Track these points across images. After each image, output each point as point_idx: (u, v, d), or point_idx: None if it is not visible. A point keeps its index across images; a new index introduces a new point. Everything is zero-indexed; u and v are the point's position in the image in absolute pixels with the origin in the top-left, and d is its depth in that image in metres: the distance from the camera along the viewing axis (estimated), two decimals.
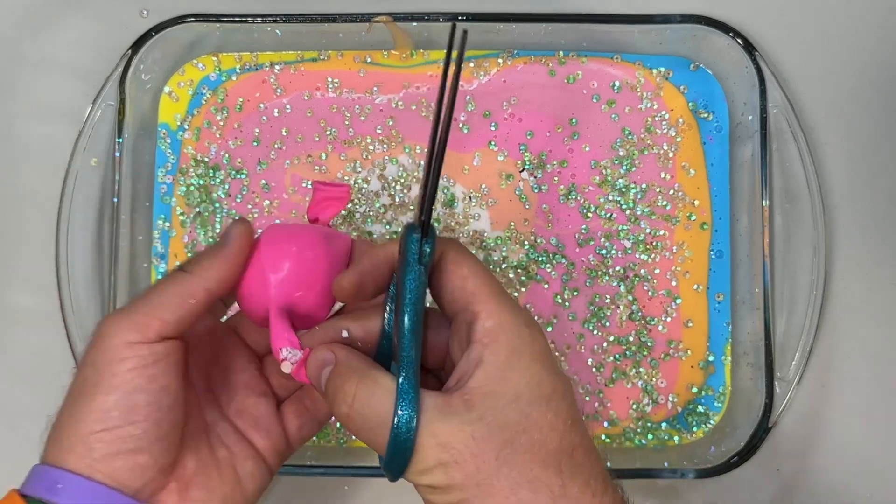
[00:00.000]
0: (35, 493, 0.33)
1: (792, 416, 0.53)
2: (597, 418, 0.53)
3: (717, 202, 0.54)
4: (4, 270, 0.55)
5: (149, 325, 0.34)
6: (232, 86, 0.54)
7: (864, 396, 0.53)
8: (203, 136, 0.54)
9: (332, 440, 0.53)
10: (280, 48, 0.54)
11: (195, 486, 0.36)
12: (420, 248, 0.33)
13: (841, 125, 0.55)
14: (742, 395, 0.52)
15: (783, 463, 0.53)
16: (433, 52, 0.54)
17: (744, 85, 0.52)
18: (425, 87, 0.54)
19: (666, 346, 0.53)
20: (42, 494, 0.33)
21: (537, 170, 0.54)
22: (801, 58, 0.55)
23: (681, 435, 0.53)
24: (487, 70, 0.54)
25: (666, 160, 0.54)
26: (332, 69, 0.54)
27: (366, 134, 0.54)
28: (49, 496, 0.33)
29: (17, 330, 0.55)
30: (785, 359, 0.51)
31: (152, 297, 0.35)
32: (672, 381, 0.53)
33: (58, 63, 0.56)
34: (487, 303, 0.34)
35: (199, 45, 0.54)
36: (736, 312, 0.53)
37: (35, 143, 0.55)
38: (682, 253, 0.53)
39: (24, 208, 0.55)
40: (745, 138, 0.53)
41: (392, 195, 0.54)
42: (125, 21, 0.55)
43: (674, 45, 0.53)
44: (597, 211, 0.53)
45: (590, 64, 0.54)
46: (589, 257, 0.53)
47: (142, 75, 0.52)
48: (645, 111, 0.54)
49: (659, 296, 0.53)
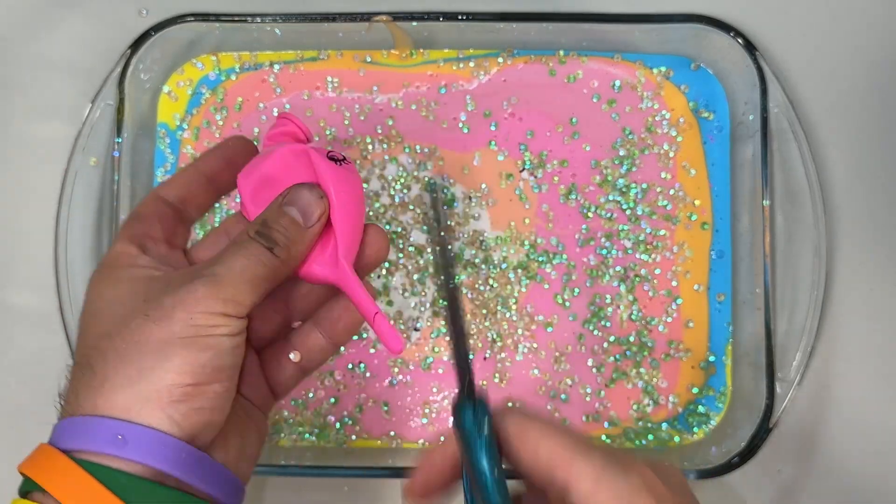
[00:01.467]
0: (86, 446, 0.31)
1: (793, 417, 0.53)
2: (597, 419, 0.53)
3: (717, 202, 0.54)
4: (3, 270, 0.55)
5: (241, 304, 0.34)
6: (231, 85, 0.54)
7: (865, 397, 0.53)
8: (202, 135, 0.54)
9: (332, 441, 0.52)
10: (279, 48, 0.54)
11: (231, 434, 0.36)
12: (478, 420, 0.32)
13: (842, 125, 0.55)
14: (743, 396, 0.52)
15: (784, 463, 0.53)
16: (433, 51, 0.54)
17: (745, 84, 0.52)
18: (425, 87, 0.54)
19: (666, 346, 0.53)
20: (101, 448, 0.31)
21: (537, 169, 0.54)
22: (802, 57, 0.55)
23: (681, 435, 0.52)
24: (487, 69, 0.54)
25: (666, 160, 0.53)
26: (332, 68, 0.54)
27: (365, 133, 0.54)
28: (113, 450, 0.31)
29: (16, 330, 0.55)
30: (786, 359, 0.51)
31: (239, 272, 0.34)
32: (673, 382, 0.53)
33: (56, 62, 0.56)
34: (572, 466, 0.30)
35: (199, 44, 0.54)
36: (737, 313, 0.53)
37: (34, 142, 0.55)
38: (683, 253, 0.53)
39: (22, 208, 0.55)
40: (745, 138, 0.52)
41: (392, 195, 0.54)
42: (124, 20, 0.55)
43: (674, 45, 0.53)
44: (597, 211, 0.53)
45: (590, 63, 0.54)
46: (589, 257, 0.53)
47: (141, 75, 0.52)
48: (645, 111, 0.54)
49: (659, 296, 0.53)
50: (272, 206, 0.37)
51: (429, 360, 0.53)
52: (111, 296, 0.35)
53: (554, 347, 0.53)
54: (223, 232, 0.40)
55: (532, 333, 0.53)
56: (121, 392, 0.32)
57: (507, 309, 0.53)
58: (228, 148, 0.40)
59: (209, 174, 0.39)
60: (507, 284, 0.53)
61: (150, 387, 0.32)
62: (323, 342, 0.40)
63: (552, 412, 0.53)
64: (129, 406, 0.32)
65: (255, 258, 0.35)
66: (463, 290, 0.53)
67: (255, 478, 0.53)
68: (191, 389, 0.32)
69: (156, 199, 0.39)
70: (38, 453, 0.32)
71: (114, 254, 0.37)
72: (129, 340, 0.33)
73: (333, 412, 0.53)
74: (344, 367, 0.53)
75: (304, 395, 0.53)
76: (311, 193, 0.36)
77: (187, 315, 0.33)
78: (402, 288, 0.53)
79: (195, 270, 0.35)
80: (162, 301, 0.33)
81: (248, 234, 0.36)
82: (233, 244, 0.35)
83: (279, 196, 0.37)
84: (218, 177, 0.40)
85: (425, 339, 0.53)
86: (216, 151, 0.40)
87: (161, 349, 0.32)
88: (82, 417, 0.32)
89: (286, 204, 0.36)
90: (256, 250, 0.35)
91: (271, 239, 0.35)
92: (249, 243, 0.35)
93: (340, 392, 0.53)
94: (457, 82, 0.54)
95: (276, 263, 0.35)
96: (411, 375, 0.53)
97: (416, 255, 0.53)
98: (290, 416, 0.52)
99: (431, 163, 0.54)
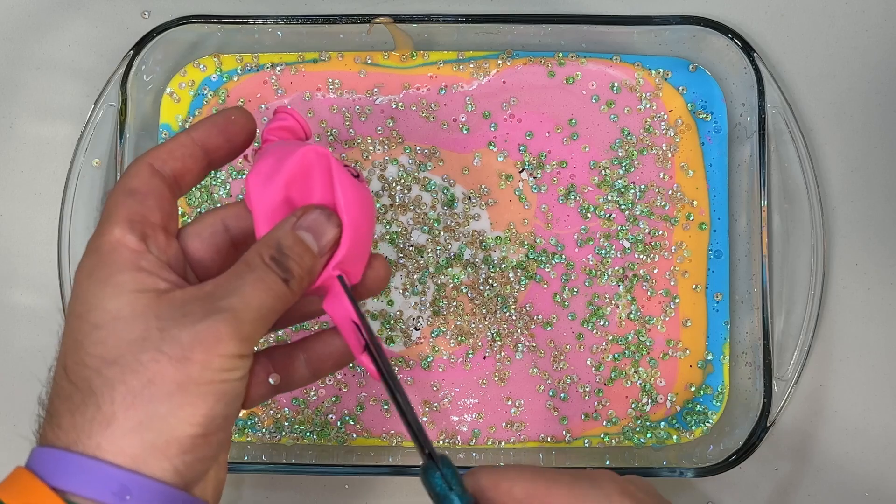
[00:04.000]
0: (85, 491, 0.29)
1: (790, 416, 0.53)
2: (596, 417, 0.53)
3: (715, 202, 0.54)
4: (7, 270, 0.55)
5: (254, 341, 0.32)
6: (233, 86, 0.55)
7: (862, 396, 0.54)
8: None
9: (333, 440, 0.53)
10: (281, 49, 0.54)
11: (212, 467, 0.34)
12: (448, 481, 0.32)
13: (839, 125, 0.55)
14: (740, 395, 0.52)
15: (781, 462, 0.53)
16: (433, 53, 0.54)
17: (742, 86, 0.52)
18: (425, 88, 0.54)
19: (665, 345, 0.53)
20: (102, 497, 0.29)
21: (537, 170, 0.54)
22: (799, 58, 0.55)
23: (679, 434, 0.53)
24: (487, 71, 0.54)
25: (665, 160, 0.54)
26: (333, 70, 0.54)
27: (366, 135, 0.54)
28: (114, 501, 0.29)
29: (20, 329, 0.55)
30: (783, 358, 0.51)
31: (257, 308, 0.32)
32: (671, 381, 0.53)
33: (59, 64, 0.56)
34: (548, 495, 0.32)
35: (201, 46, 0.54)
36: (734, 312, 0.53)
37: (37, 143, 0.56)
38: (681, 253, 0.53)
39: (26, 209, 0.55)
40: (743, 139, 0.53)
41: (392, 196, 0.54)
42: (127, 22, 0.55)
43: (673, 46, 0.54)
44: (596, 211, 0.54)
45: (589, 65, 0.54)
46: (588, 257, 0.54)
47: (143, 76, 0.53)
48: (644, 112, 0.54)
49: (658, 295, 0.53)
50: (285, 228, 0.34)
51: (429, 358, 0.53)
52: (114, 310, 0.32)
53: (553, 346, 0.53)
54: (219, 221, 0.37)
55: (531, 333, 0.53)
56: (129, 438, 0.30)
57: (507, 308, 0.53)
58: (229, 121, 0.37)
59: (206, 146, 0.36)
60: (507, 284, 0.53)
61: (161, 437, 0.30)
62: (305, 372, 0.38)
63: (551, 410, 0.53)
64: (137, 454, 0.30)
65: (272, 291, 0.32)
66: (463, 289, 0.53)
67: (257, 476, 0.53)
68: (200, 441, 0.31)
69: (151, 171, 0.35)
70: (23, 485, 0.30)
71: (110, 243, 0.33)
72: (141, 378, 0.30)
73: (334, 411, 0.53)
74: (344, 367, 0.53)
75: (305, 394, 0.53)
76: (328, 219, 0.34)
77: (206, 358, 0.31)
78: (403, 287, 0.53)
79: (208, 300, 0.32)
80: (179, 337, 0.31)
81: (261, 257, 0.33)
82: (246, 268, 0.33)
83: (291, 215, 0.35)
84: (215, 151, 0.36)
85: (425, 339, 0.53)
86: (214, 121, 0.36)
87: (175, 394, 0.30)
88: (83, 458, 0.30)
89: (300, 228, 0.34)
90: (273, 282, 0.33)
91: (288, 270, 0.33)
92: (265, 272, 0.33)
93: (341, 391, 0.53)
94: (457, 83, 0.54)
95: (290, 296, 0.33)
96: (412, 374, 0.53)
97: (415, 254, 0.53)
98: (292, 415, 0.53)
99: (432, 163, 0.54)
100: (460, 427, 0.53)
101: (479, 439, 0.53)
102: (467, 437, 0.53)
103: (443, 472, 0.33)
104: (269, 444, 0.53)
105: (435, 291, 0.53)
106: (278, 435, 0.53)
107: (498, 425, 0.53)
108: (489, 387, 0.53)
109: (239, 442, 0.53)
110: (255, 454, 0.52)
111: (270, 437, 0.53)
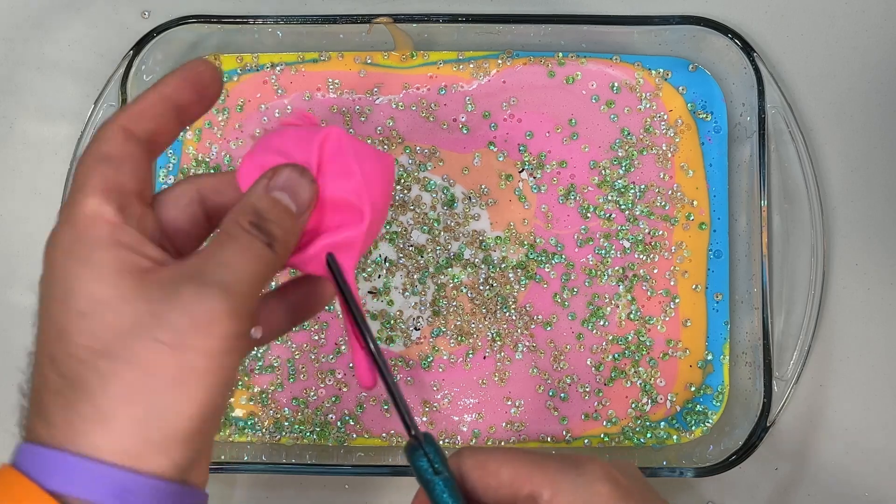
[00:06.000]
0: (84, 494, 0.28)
1: (790, 416, 0.53)
2: (596, 417, 0.53)
3: (715, 202, 0.54)
4: (6, 270, 0.55)
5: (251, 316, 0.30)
6: (233, 86, 0.55)
7: (862, 396, 0.54)
8: (204, 136, 0.55)
9: (333, 439, 0.53)
10: (281, 49, 0.54)
11: None
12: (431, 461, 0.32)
13: (839, 125, 0.55)
14: (740, 395, 0.52)
15: (781, 462, 0.54)
16: (433, 52, 0.54)
17: (742, 85, 0.52)
18: (425, 88, 0.54)
19: (665, 345, 0.53)
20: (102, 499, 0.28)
21: (537, 170, 0.54)
22: (799, 58, 0.55)
23: (679, 434, 0.53)
24: (487, 71, 0.54)
25: (665, 160, 0.54)
26: (333, 70, 0.54)
27: (366, 135, 0.54)
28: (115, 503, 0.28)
29: (19, 330, 0.55)
30: (783, 358, 0.51)
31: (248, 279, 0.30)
32: (671, 381, 0.53)
33: (59, 64, 0.56)
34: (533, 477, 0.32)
35: (201, 46, 0.54)
36: (734, 312, 0.53)
37: (38, 143, 0.56)
38: (681, 253, 0.53)
39: (26, 209, 0.55)
40: (743, 139, 0.53)
41: (392, 195, 0.54)
42: (127, 22, 0.56)
43: (673, 46, 0.54)
44: (596, 211, 0.54)
45: (589, 65, 0.54)
46: (588, 257, 0.54)
47: (143, 76, 0.53)
48: (644, 112, 0.54)
49: (658, 295, 0.53)
50: (257, 191, 0.32)
51: (429, 358, 0.53)
52: (98, 294, 0.29)
53: (553, 346, 0.53)
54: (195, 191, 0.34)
55: (531, 333, 0.53)
56: (128, 436, 0.28)
57: (507, 308, 0.53)
58: (197, 73, 0.34)
59: (177, 102, 0.33)
60: (507, 284, 0.53)
61: (160, 432, 0.29)
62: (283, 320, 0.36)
63: (551, 410, 0.53)
64: (136, 452, 0.29)
65: (259, 259, 0.31)
66: (463, 289, 0.53)
67: (257, 477, 0.53)
68: (198, 432, 0.29)
69: (126, 134, 0.32)
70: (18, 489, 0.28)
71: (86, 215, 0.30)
72: (137, 370, 0.28)
73: (334, 411, 0.53)
74: (345, 366, 0.53)
75: (304, 394, 0.53)
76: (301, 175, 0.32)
77: (204, 342, 0.29)
78: (402, 287, 0.53)
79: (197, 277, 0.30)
80: (173, 322, 0.29)
81: (240, 225, 0.31)
82: (227, 238, 0.31)
83: (262, 177, 0.32)
84: (186, 107, 0.33)
85: (425, 339, 0.53)
86: (182, 75, 0.33)
87: (174, 386, 0.29)
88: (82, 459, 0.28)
89: (274, 189, 0.32)
90: (258, 248, 0.31)
91: (270, 234, 0.31)
92: (249, 240, 0.31)
93: (341, 391, 0.53)
94: (456, 83, 0.54)
95: (276, 261, 0.31)
96: (412, 374, 0.53)
97: (415, 254, 0.53)
98: (291, 415, 0.53)
99: (431, 163, 0.54)
100: (460, 427, 0.53)
101: (479, 439, 0.53)
102: (467, 437, 0.53)
103: (426, 450, 0.33)
104: (268, 444, 0.53)
105: (435, 291, 0.53)
106: (278, 435, 0.53)
107: (498, 425, 0.53)
108: (489, 387, 0.53)
109: (239, 442, 0.53)
110: (254, 454, 0.52)
111: (270, 437, 0.53)
